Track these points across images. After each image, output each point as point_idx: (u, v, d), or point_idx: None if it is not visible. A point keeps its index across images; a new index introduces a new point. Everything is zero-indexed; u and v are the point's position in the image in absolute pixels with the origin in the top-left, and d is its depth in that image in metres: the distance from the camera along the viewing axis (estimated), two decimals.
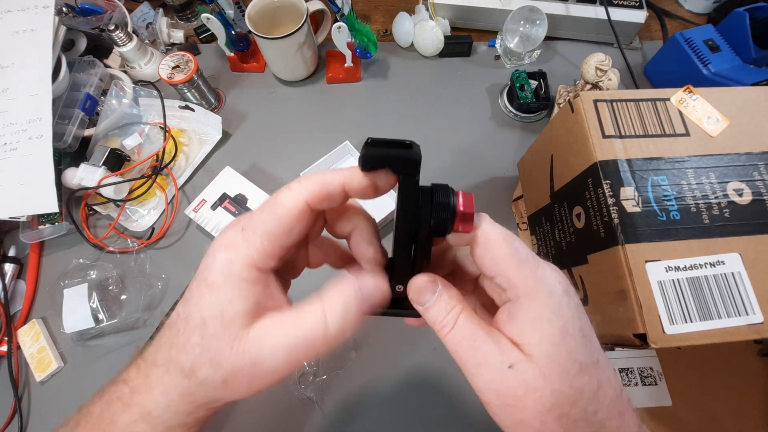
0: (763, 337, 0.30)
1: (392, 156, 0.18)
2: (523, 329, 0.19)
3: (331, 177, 0.20)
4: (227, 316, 0.19)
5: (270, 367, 0.19)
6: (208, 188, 0.56)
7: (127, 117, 0.60)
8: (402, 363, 0.49)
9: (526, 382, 0.18)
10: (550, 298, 0.19)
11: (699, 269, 0.31)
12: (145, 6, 0.69)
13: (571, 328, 0.19)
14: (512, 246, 0.20)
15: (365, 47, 0.61)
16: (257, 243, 0.20)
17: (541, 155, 0.46)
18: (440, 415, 0.47)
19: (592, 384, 0.18)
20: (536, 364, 0.18)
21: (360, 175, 0.19)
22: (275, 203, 0.20)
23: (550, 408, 0.18)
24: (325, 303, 0.20)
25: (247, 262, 0.20)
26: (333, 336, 0.20)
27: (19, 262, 0.55)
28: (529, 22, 0.62)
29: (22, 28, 0.55)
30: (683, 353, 0.48)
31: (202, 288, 0.20)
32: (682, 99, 0.37)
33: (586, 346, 0.19)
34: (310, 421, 0.47)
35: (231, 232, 0.21)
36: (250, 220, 0.20)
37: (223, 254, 0.20)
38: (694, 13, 0.72)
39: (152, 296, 0.53)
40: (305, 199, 0.20)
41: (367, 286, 0.21)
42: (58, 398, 0.49)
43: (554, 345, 0.18)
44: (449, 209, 0.19)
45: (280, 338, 0.19)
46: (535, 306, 0.19)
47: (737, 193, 0.34)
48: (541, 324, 0.19)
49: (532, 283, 0.19)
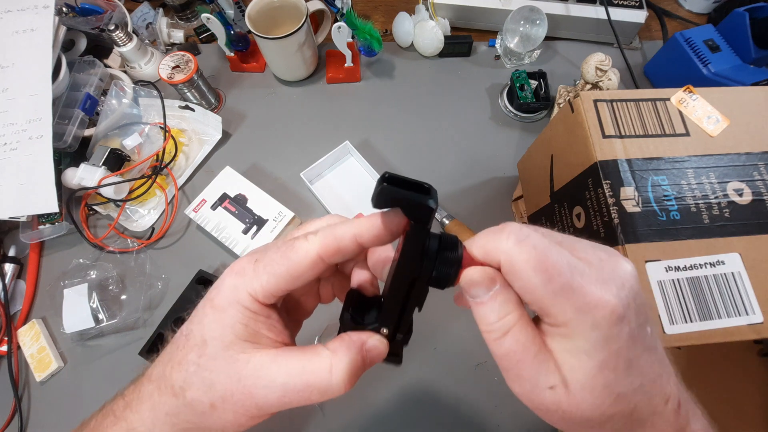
0: (763, 337, 0.30)
1: (407, 199, 0.17)
2: (559, 353, 0.18)
3: (343, 231, 0.20)
4: (227, 339, 0.20)
5: (262, 400, 0.19)
6: (208, 188, 0.56)
7: (127, 117, 0.60)
8: (403, 362, 0.49)
9: (558, 403, 0.18)
10: (592, 332, 0.17)
11: (699, 269, 0.31)
12: (145, 6, 0.69)
13: (614, 362, 0.17)
14: (544, 273, 0.17)
15: (369, 45, 0.61)
16: (264, 279, 0.20)
17: (541, 155, 0.46)
18: (440, 415, 0.47)
19: (625, 409, 0.18)
20: (571, 392, 0.18)
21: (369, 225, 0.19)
22: (292, 248, 0.20)
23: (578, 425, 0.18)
24: (333, 355, 0.20)
25: (250, 292, 0.20)
26: (335, 388, 0.19)
27: (19, 262, 0.55)
28: (529, 22, 0.62)
29: (22, 28, 0.55)
30: (683, 353, 0.48)
31: (207, 308, 0.21)
32: (682, 99, 0.37)
33: (629, 376, 0.18)
34: (310, 422, 0.47)
35: (245, 261, 0.21)
36: (265, 254, 0.21)
37: (232, 280, 0.21)
38: (694, 13, 0.72)
39: (152, 296, 0.53)
40: (318, 253, 0.20)
41: (374, 349, 0.21)
42: (58, 398, 0.49)
43: (590, 377, 0.17)
44: (454, 264, 0.19)
45: (279, 375, 0.19)
46: (574, 339, 0.17)
47: (737, 193, 0.34)
48: (579, 356, 0.17)
49: (571, 316, 0.17)
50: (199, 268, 0.52)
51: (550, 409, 0.18)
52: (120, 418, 0.21)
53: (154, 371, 0.21)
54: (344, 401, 0.48)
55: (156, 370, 0.21)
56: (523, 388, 0.18)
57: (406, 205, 0.17)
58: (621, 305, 0.17)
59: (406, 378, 0.49)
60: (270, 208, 0.55)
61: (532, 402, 0.19)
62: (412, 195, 0.17)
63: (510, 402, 0.47)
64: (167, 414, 0.20)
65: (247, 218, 0.54)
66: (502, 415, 0.47)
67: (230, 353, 0.20)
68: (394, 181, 0.17)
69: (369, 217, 0.20)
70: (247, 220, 0.54)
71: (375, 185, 0.17)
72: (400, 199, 0.17)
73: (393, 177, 0.17)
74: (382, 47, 0.62)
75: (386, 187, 0.17)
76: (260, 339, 0.20)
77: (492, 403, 0.48)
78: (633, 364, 0.18)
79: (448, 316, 0.51)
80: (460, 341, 0.50)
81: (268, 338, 0.21)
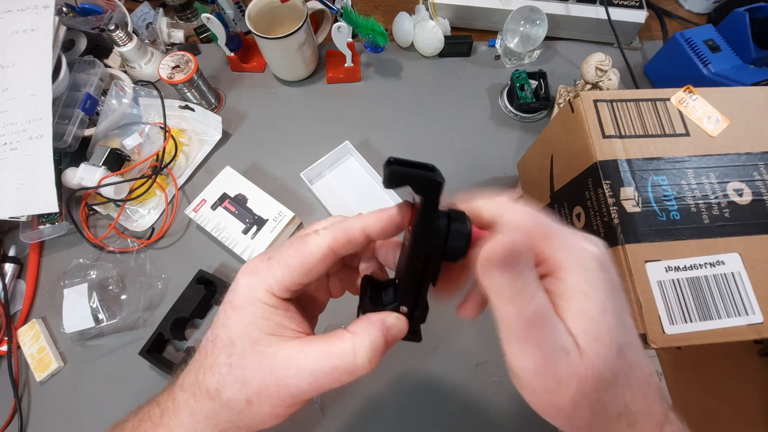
0: (763, 337, 0.30)
1: (417, 176, 0.18)
2: (558, 304, 0.18)
3: (352, 224, 0.21)
4: (253, 335, 0.20)
5: (295, 389, 0.20)
6: (208, 188, 0.56)
7: (127, 117, 0.60)
8: (403, 362, 0.49)
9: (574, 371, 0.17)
10: (584, 272, 0.18)
11: (699, 269, 0.31)
12: (145, 6, 0.69)
13: (609, 304, 0.18)
14: (536, 219, 0.19)
15: (373, 41, 0.60)
16: (278, 273, 0.21)
17: (541, 155, 0.46)
18: (440, 415, 0.47)
19: (626, 367, 0.18)
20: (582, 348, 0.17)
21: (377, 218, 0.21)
22: (303, 242, 0.21)
23: (589, 393, 0.18)
24: (355, 336, 0.21)
25: (266, 288, 0.21)
26: (360, 367, 0.20)
27: (19, 262, 0.55)
28: (529, 22, 0.62)
29: (22, 28, 0.55)
30: (683, 353, 0.48)
31: (227, 310, 0.21)
32: (682, 99, 0.37)
33: (622, 325, 0.18)
34: (309, 421, 0.47)
35: (257, 260, 0.22)
36: (277, 251, 0.22)
37: (246, 279, 0.21)
38: (694, 13, 0.72)
39: (152, 296, 0.53)
40: (329, 245, 0.21)
41: (394, 326, 0.21)
42: (58, 398, 0.49)
43: (594, 322, 0.18)
44: (465, 236, 0.20)
45: (308, 362, 0.20)
46: (569, 279, 0.18)
47: (737, 193, 0.34)
48: (577, 298, 0.18)
49: (563, 255, 0.18)
50: (199, 268, 0.52)
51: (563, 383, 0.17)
52: (158, 424, 0.22)
53: (186, 380, 0.22)
54: (344, 401, 0.48)
55: (188, 378, 0.22)
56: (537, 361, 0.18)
57: (415, 182, 0.18)
58: (602, 254, 0.19)
59: (406, 378, 0.49)
60: (270, 208, 0.55)
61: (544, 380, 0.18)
62: (421, 173, 0.18)
63: (510, 402, 0.47)
64: (206, 417, 0.21)
65: (247, 218, 0.54)
66: (502, 415, 0.47)
67: (258, 348, 0.20)
68: (400, 162, 0.18)
69: (375, 212, 0.21)
70: (247, 220, 0.54)
71: (383, 169, 0.18)
72: (410, 177, 0.18)
73: (398, 159, 0.18)
74: (388, 41, 0.61)
75: (395, 167, 0.18)
76: (284, 331, 0.21)
77: (492, 403, 0.48)
78: (621, 315, 0.18)
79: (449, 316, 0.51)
80: (460, 341, 0.50)
81: (291, 330, 0.21)
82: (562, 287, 0.18)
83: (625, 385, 0.18)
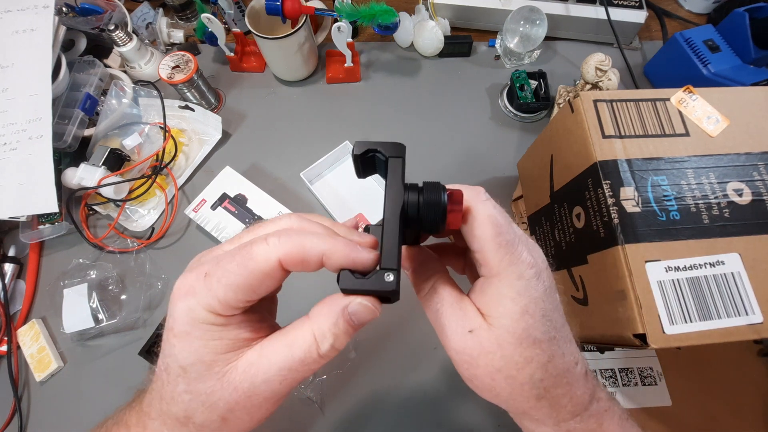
0: (763, 337, 0.30)
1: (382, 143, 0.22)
2: (489, 303, 0.22)
3: (312, 243, 0.19)
4: (206, 359, 0.19)
5: (268, 392, 0.19)
6: (208, 188, 0.56)
7: (127, 117, 0.60)
8: (402, 363, 0.49)
9: (482, 345, 0.21)
10: (517, 281, 0.21)
11: (699, 269, 0.31)
12: (145, 6, 0.69)
13: (533, 308, 0.21)
14: (497, 228, 0.21)
15: (380, 22, 0.57)
16: (220, 293, 0.19)
17: (541, 155, 0.46)
18: (441, 414, 0.47)
19: (542, 356, 0.21)
20: (494, 333, 0.21)
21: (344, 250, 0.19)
22: (248, 256, 0.19)
23: (499, 369, 0.21)
24: (313, 323, 0.20)
25: (208, 309, 0.19)
26: (325, 353, 0.20)
27: (19, 262, 0.55)
28: (529, 22, 0.62)
29: (22, 28, 0.55)
30: (683, 353, 0.48)
31: (171, 339, 0.20)
32: (682, 99, 0.37)
33: (545, 324, 0.21)
34: (309, 421, 0.47)
35: (192, 277, 0.20)
36: (217, 265, 0.19)
37: (183, 302, 0.19)
38: (694, 13, 0.72)
39: (152, 296, 0.53)
40: (279, 259, 0.18)
41: (357, 312, 0.20)
42: (57, 398, 0.49)
43: (513, 320, 0.21)
44: (440, 208, 0.21)
45: (272, 365, 0.19)
46: (502, 286, 0.21)
47: (737, 193, 0.34)
48: (504, 302, 0.21)
49: (505, 266, 0.21)
50: None
51: (473, 354, 0.21)
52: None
53: (152, 409, 0.21)
54: (344, 401, 0.48)
55: (153, 407, 0.21)
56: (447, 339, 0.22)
57: (382, 147, 0.22)
58: (539, 266, 0.22)
59: (406, 378, 0.49)
60: (270, 208, 0.55)
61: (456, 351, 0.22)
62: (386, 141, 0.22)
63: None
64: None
65: (247, 218, 0.54)
66: (502, 415, 0.47)
67: (216, 370, 0.19)
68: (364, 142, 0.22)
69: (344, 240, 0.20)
70: (247, 220, 0.54)
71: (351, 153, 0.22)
72: (376, 143, 0.22)
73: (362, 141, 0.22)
74: (397, 15, 0.58)
75: (361, 141, 0.22)
76: (239, 344, 0.20)
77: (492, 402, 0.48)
78: (547, 315, 0.21)
79: None
80: None
81: (247, 339, 0.20)
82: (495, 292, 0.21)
83: (541, 369, 0.21)
